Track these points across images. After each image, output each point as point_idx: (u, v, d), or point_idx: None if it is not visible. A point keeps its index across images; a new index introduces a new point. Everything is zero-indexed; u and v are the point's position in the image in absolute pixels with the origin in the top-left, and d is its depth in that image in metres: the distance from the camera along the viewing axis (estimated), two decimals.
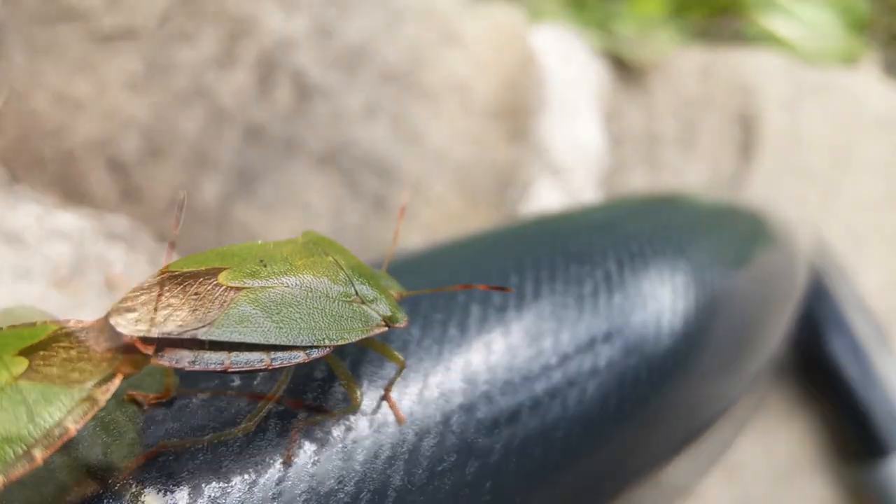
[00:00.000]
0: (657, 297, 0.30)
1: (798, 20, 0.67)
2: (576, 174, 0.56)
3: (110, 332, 0.20)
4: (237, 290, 0.21)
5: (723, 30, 0.68)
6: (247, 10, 0.47)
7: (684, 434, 0.33)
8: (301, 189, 0.47)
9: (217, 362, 0.20)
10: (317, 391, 0.24)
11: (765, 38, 0.66)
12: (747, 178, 0.59)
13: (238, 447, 0.22)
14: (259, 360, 0.21)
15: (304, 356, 0.21)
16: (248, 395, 0.23)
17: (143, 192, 0.44)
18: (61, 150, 0.43)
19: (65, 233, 0.42)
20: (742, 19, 0.68)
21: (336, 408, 0.23)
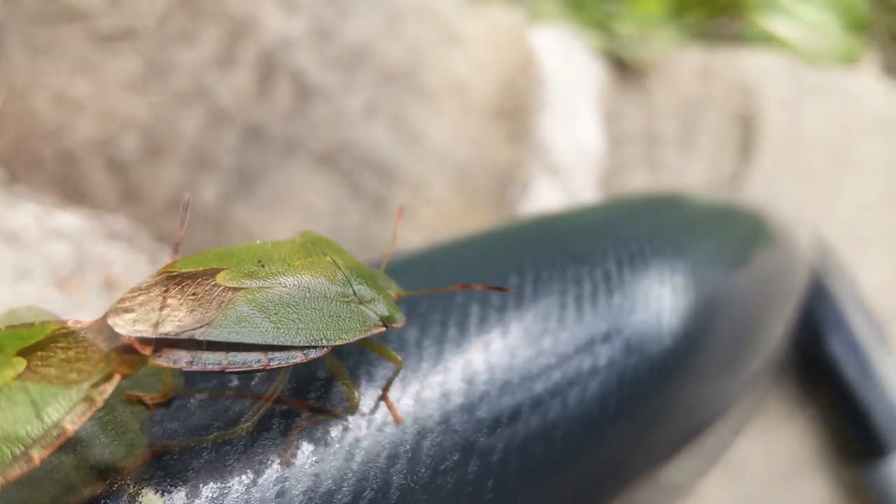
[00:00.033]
0: (657, 297, 0.30)
1: (798, 20, 0.67)
2: (576, 174, 0.56)
3: (108, 332, 0.20)
4: (235, 290, 0.21)
5: (723, 30, 0.68)
6: (247, 10, 0.47)
7: (684, 434, 0.33)
8: (301, 189, 0.47)
9: (215, 362, 0.20)
10: (320, 391, 0.24)
11: (765, 38, 0.66)
12: (747, 178, 0.59)
13: (242, 446, 0.22)
14: (257, 360, 0.21)
15: (301, 356, 0.21)
16: (245, 395, 0.23)
17: (143, 192, 0.44)
18: (61, 150, 0.43)
19: (65, 233, 0.42)
20: (742, 19, 0.68)
21: (336, 408, 0.23)
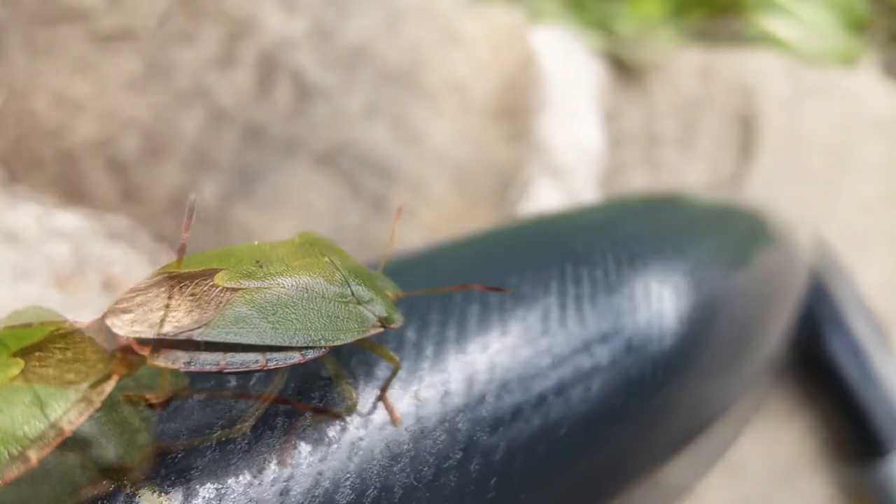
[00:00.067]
0: (657, 297, 0.30)
1: (798, 20, 0.67)
2: (576, 174, 0.56)
3: (106, 332, 0.20)
4: (233, 290, 0.21)
5: (723, 30, 0.68)
6: (247, 10, 0.47)
7: (684, 434, 0.33)
8: (301, 189, 0.47)
9: (213, 363, 0.20)
10: (322, 390, 0.24)
11: (765, 38, 0.66)
12: (747, 178, 0.59)
13: (244, 446, 0.22)
14: (254, 360, 0.21)
15: (299, 357, 0.21)
16: (244, 395, 0.23)
17: (143, 192, 0.44)
18: (61, 150, 0.43)
19: (65, 233, 0.42)
20: (742, 19, 0.68)
21: (336, 408, 0.23)
